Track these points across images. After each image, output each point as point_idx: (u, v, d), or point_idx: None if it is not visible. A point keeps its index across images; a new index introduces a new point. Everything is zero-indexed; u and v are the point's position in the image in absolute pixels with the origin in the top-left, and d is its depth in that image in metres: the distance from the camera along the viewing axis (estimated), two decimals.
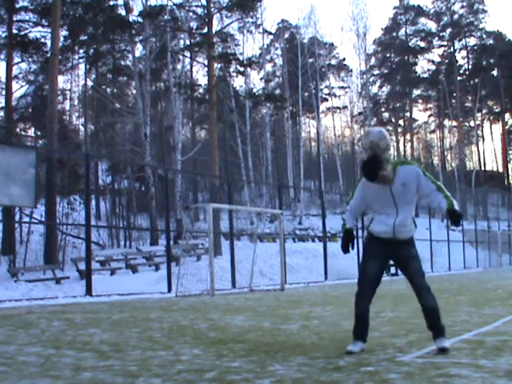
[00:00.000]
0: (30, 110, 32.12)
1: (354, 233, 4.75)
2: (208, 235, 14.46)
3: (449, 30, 60.82)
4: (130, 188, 33.08)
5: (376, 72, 61.94)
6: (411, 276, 4.45)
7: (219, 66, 36.00)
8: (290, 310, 8.74)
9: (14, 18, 28.14)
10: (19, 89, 32.49)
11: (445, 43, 61.93)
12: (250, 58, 38.87)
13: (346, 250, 4.62)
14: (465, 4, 60.56)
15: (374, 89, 60.60)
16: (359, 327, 4.49)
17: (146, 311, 8.92)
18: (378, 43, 61.52)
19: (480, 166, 62.27)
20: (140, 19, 30.92)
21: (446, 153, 65.14)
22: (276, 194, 32.45)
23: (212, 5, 29.28)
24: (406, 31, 62.27)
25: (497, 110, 63.16)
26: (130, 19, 31.57)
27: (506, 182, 60.85)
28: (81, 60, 37.54)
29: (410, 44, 61.80)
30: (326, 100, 56.80)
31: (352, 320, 4.58)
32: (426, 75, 62.69)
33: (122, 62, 36.19)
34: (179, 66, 34.23)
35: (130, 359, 4.37)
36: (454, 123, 59.53)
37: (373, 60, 61.13)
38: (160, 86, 36.68)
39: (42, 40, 29.75)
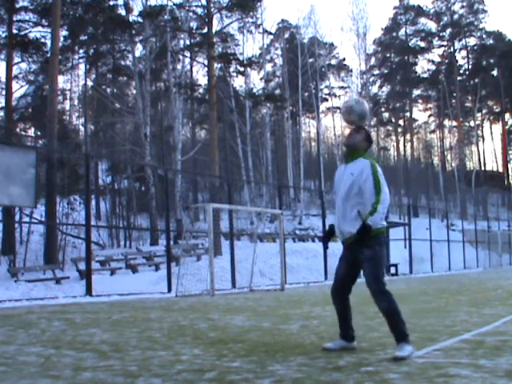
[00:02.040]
0: (30, 109, 32.11)
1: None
2: (208, 235, 14.45)
3: (449, 30, 60.82)
4: (130, 188, 33.07)
5: (376, 72, 61.94)
6: (365, 279, 4.31)
7: (219, 66, 36.00)
8: (290, 310, 8.74)
9: (14, 18, 28.14)
10: (19, 89, 32.56)
11: (445, 43, 61.95)
12: (250, 58, 38.87)
13: (324, 242, 4.72)
14: (465, 4, 60.56)
15: (374, 89, 60.69)
16: (340, 324, 4.59)
17: (145, 311, 8.91)
18: (378, 43, 61.53)
19: (480, 166, 62.28)
20: (140, 19, 30.93)
21: (446, 153, 65.16)
22: (276, 194, 32.45)
23: (212, 5, 29.28)
24: (405, 31, 62.27)
25: (497, 110, 63.16)
26: (130, 19, 31.59)
27: (506, 182, 60.85)
28: (81, 60, 37.57)
29: (410, 44, 61.79)
30: (326, 100, 56.82)
31: (352, 320, 4.59)
32: (426, 75, 62.70)
33: (122, 62, 36.18)
34: (179, 66, 34.25)
35: (130, 359, 4.37)
36: (454, 123, 59.54)
37: (373, 60, 61.16)
38: (160, 86, 36.67)
39: (42, 40, 29.80)
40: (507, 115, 62.74)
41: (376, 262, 4.30)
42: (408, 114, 62.48)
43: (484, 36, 61.46)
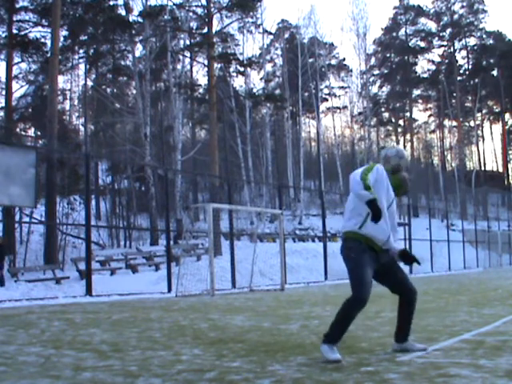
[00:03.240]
0: (30, 109, 32.13)
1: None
2: (208, 235, 14.45)
3: (449, 30, 60.79)
4: (130, 188, 33.08)
5: (376, 72, 61.91)
6: (401, 279, 4.47)
7: (219, 65, 36.00)
8: (290, 310, 8.74)
9: (14, 18, 28.17)
10: (19, 89, 32.56)
11: (445, 43, 61.89)
12: (250, 58, 38.88)
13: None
14: (465, 4, 60.52)
15: (374, 89, 60.65)
16: (344, 332, 4.32)
17: (145, 311, 8.91)
18: (378, 43, 61.49)
19: (480, 166, 62.26)
20: (140, 19, 30.95)
21: (446, 153, 65.13)
22: (276, 194, 32.45)
23: (212, 5, 29.29)
24: (406, 31, 62.23)
25: (497, 110, 63.13)
26: (130, 19, 31.61)
27: (506, 182, 60.83)
28: (81, 60, 37.56)
29: (410, 44, 61.75)
30: (326, 100, 56.81)
31: (352, 320, 4.56)
32: (426, 75, 62.66)
33: (122, 62, 36.19)
34: (179, 66, 34.26)
35: (130, 359, 4.37)
36: (454, 123, 59.52)
37: (373, 60, 61.12)
38: (160, 86, 36.68)
39: (42, 40, 29.83)
40: (507, 115, 62.71)
41: (350, 270, 4.35)
42: (408, 114, 62.45)
43: (484, 36, 61.43)
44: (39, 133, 33.94)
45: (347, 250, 4.29)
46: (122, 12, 32.30)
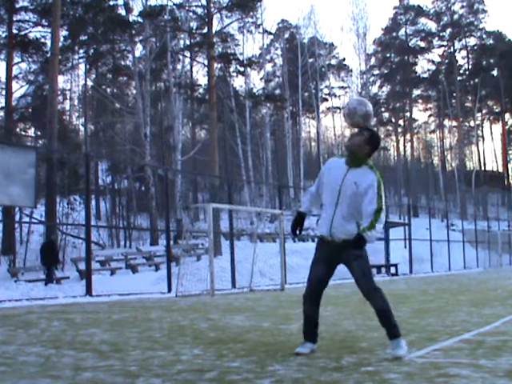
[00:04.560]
0: (30, 110, 32.12)
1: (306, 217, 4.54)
2: (208, 235, 14.44)
3: (449, 30, 60.79)
4: (130, 188, 33.09)
5: (376, 72, 61.94)
6: (356, 278, 4.24)
7: (219, 65, 36.00)
8: (289, 310, 8.73)
9: (14, 18, 28.18)
10: (19, 89, 32.52)
11: (445, 43, 61.90)
12: (250, 58, 38.88)
13: (294, 233, 4.48)
14: (465, 4, 60.52)
15: (374, 89, 60.68)
16: (308, 328, 4.47)
17: (146, 311, 8.91)
18: (378, 43, 61.52)
19: (480, 166, 62.29)
20: (140, 19, 30.95)
21: (445, 153, 65.14)
22: (276, 194, 32.44)
23: (212, 5, 29.29)
24: (405, 31, 62.25)
25: (497, 110, 63.15)
26: (130, 19, 31.64)
27: (506, 182, 60.85)
28: (81, 60, 37.56)
29: (410, 44, 61.77)
30: (326, 100, 56.81)
31: (352, 320, 4.58)
32: (426, 75, 62.68)
33: (122, 62, 36.19)
34: (179, 66, 34.28)
35: (130, 359, 4.36)
36: (454, 123, 59.53)
37: (373, 60, 61.17)
38: (160, 86, 36.68)
39: (42, 40, 29.86)
40: (507, 115, 62.73)
41: (365, 260, 4.24)
42: (408, 114, 62.48)
43: (484, 36, 61.43)
44: (39, 133, 33.93)
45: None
46: (122, 12, 32.35)
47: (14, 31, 28.20)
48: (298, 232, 4.47)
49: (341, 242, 4.21)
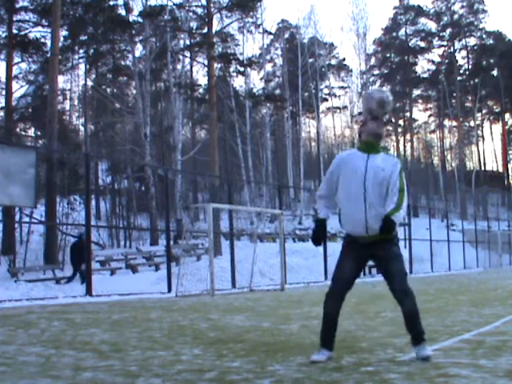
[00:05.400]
0: (30, 110, 32.10)
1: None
2: (208, 235, 14.45)
3: (449, 30, 60.79)
4: (130, 188, 33.09)
5: (376, 72, 61.96)
6: (391, 277, 4.04)
7: (219, 65, 36.01)
8: (289, 310, 8.74)
9: (14, 18, 28.16)
10: (19, 89, 32.50)
11: (445, 43, 61.90)
12: (250, 58, 38.90)
13: (316, 242, 4.28)
14: (465, 4, 60.51)
15: None
16: (327, 332, 4.14)
17: (145, 311, 8.91)
18: (378, 43, 61.53)
19: (480, 166, 62.28)
20: (140, 19, 30.95)
21: (445, 153, 65.15)
22: (276, 194, 32.44)
23: (212, 5, 29.29)
24: (405, 31, 62.26)
25: (497, 110, 63.14)
26: (130, 19, 31.63)
27: (506, 182, 60.84)
28: (81, 60, 37.55)
29: (410, 44, 61.78)
30: (326, 100, 56.82)
31: (352, 320, 4.57)
32: (426, 75, 62.68)
33: (122, 62, 36.19)
34: (179, 66, 34.28)
35: (130, 359, 4.37)
36: (454, 123, 59.53)
37: (373, 60, 61.18)
38: (160, 86, 36.69)
39: (42, 40, 29.83)
40: (507, 115, 62.72)
41: (402, 260, 4.12)
42: (408, 114, 62.48)
43: (484, 36, 61.42)
44: (39, 133, 33.91)
45: (398, 242, 4.23)
46: (122, 12, 32.33)
47: (14, 31, 28.18)
48: (321, 241, 4.31)
49: (377, 237, 4.04)
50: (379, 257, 4.11)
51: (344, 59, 58.63)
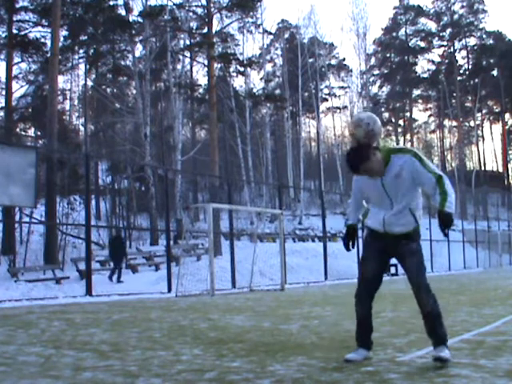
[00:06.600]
0: (30, 110, 32.09)
1: (358, 228, 4.42)
2: (208, 235, 14.45)
3: (449, 30, 60.80)
4: (130, 188, 33.06)
5: (376, 72, 61.93)
6: (410, 274, 3.99)
7: (219, 65, 36.01)
8: (290, 310, 8.74)
9: (14, 18, 28.15)
10: (19, 89, 32.51)
11: (445, 43, 61.91)
12: (250, 58, 38.88)
13: (347, 247, 4.31)
14: (465, 4, 60.53)
15: (374, 89, 60.68)
16: (362, 332, 4.19)
17: (145, 311, 8.91)
18: (378, 43, 61.52)
19: (480, 166, 62.24)
20: (140, 19, 30.94)
21: (446, 153, 65.13)
22: (276, 194, 32.43)
23: (212, 5, 29.31)
24: (405, 31, 62.25)
25: (497, 110, 63.12)
26: (130, 19, 31.62)
27: (506, 182, 60.83)
28: (81, 60, 37.56)
29: (410, 44, 61.78)
30: (326, 100, 56.77)
31: (352, 320, 4.56)
32: (426, 75, 62.66)
33: (122, 62, 36.15)
34: (179, 66, 34.27)
35: (130, 359, 4.37)
36: (454, 123, 59.53)
37: (373, 60, 61.15)
38: (160, 86, 36.69)
39: (42, 40, 29.82)
40: (507, 115, 62.70)
41: (421, 256, 4.05)
42: (408, 114, 62.48)
43: (484, 36, 61.42)
44: (39, 133, 33.91)
45: (419, 239, 4.18)
46: (122, 12, 32.32)
47: (14, 31, 28.17)
48: (352, 246, 4.32)
49: (396, 235, 4.03)
50: (399, 254, 4.09)
51: (344, 59, 58.65)
